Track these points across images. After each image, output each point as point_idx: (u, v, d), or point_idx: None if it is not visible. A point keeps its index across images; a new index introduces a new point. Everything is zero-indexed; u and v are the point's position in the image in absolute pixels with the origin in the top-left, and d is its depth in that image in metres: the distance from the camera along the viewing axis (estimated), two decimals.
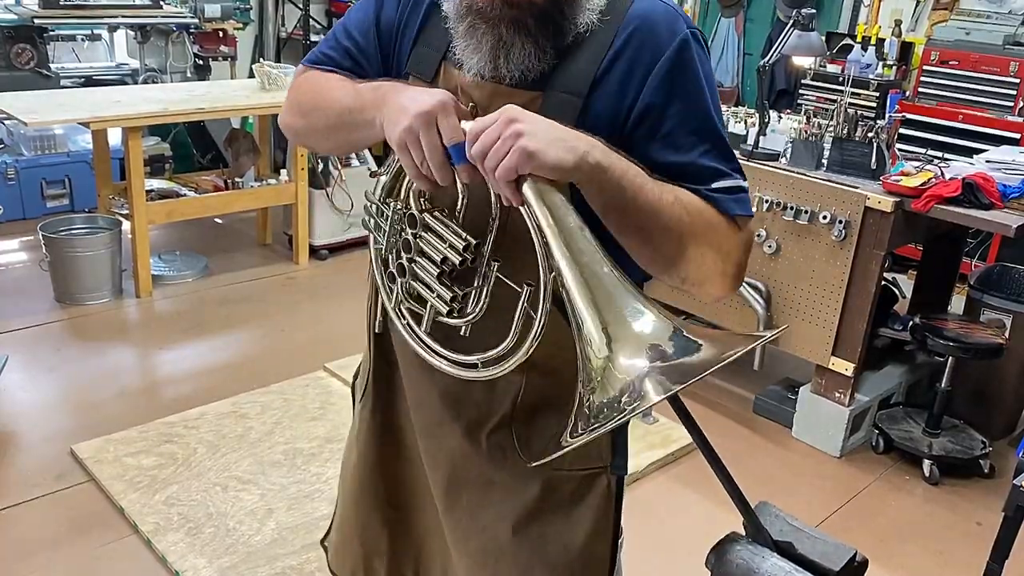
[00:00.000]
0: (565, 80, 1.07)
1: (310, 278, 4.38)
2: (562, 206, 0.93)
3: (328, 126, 1.18)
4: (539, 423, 1.20)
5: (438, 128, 0.97)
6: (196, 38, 5.38)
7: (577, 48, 1.07)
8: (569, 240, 0.91)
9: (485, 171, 0.95)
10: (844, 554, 0.82)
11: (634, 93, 1.07)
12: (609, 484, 1.23)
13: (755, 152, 3.17)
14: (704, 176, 1.07)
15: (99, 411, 3.04)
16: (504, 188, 0.94)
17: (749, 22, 6.12)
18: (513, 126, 0.93)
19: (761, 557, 0.82)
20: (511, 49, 1.05)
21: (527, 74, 1.06)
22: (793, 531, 0.85)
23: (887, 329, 3.34)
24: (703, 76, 1.09)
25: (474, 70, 1.07)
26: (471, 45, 1.06)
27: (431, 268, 1.07)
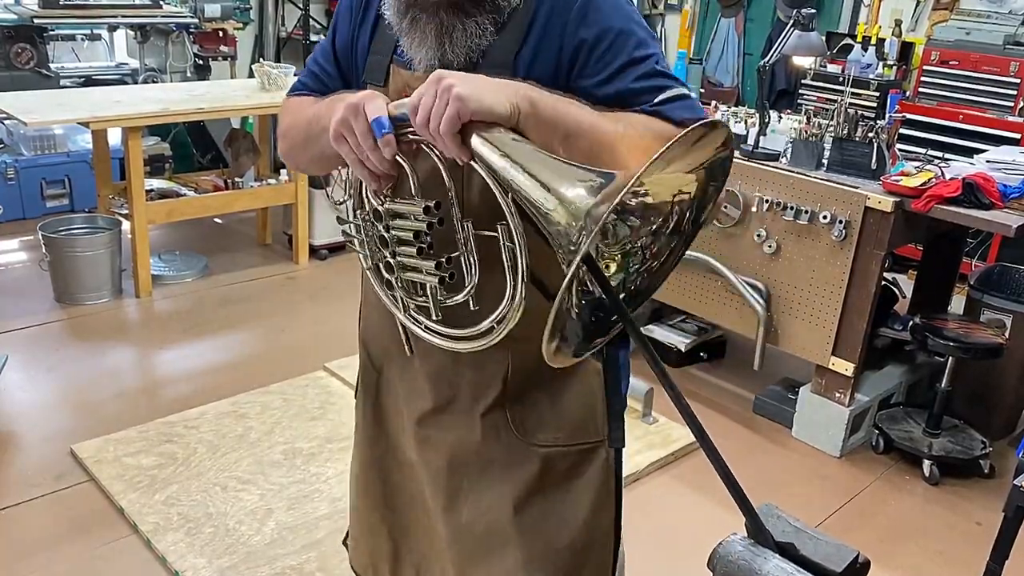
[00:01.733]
0: (492, 57, 1.12)
1: (310, 278, 4.38)
2: (509, 139, 0.97)
3: (301, 141, 1.25)
4: (530, 400, 1.23)
5: (365, 115, 1.03)
6: (196, 38, 5.38)
7: (504, 27, 1.12)
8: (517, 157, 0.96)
9: (432, 135, 0.98)
10: (846, 555, 0.82)
11: (558, 43, 1.11)
12: (607, 457, 1.26)
13: (755, 152, 3.17)
14: (644, 96, 1.10)
15: (99, 411, 3.04)
16: (451, 145, 0.98)
17: (749, 22, 6.12)
18: (443, 82, 0.97)
19: (763, 558, 0.82)
20: (453, 33, 1.10)
21: (471, 55, 1.11)
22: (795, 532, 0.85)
23: (887, 329, 3.35)
24: (618, 4, 1.13)
25: (424, 62, 1.12)
26: (416, 39, 1.12)
27: (411, 250, 1.11)
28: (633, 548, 1.53)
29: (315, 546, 2.42)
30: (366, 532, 1.47)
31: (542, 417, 1.23)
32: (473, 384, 1.23)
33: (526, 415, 1.23)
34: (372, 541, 1.46)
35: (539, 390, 1.22)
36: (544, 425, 1.23)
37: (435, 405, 1.27)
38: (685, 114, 1.10)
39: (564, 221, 0.90)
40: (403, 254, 1.12)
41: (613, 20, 1.12)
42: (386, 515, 1.43)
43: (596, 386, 1.25)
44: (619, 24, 1.12)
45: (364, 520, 1.46)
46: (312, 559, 2.37)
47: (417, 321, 1.16)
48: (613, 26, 1.11)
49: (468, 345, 1.11)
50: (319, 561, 2.37)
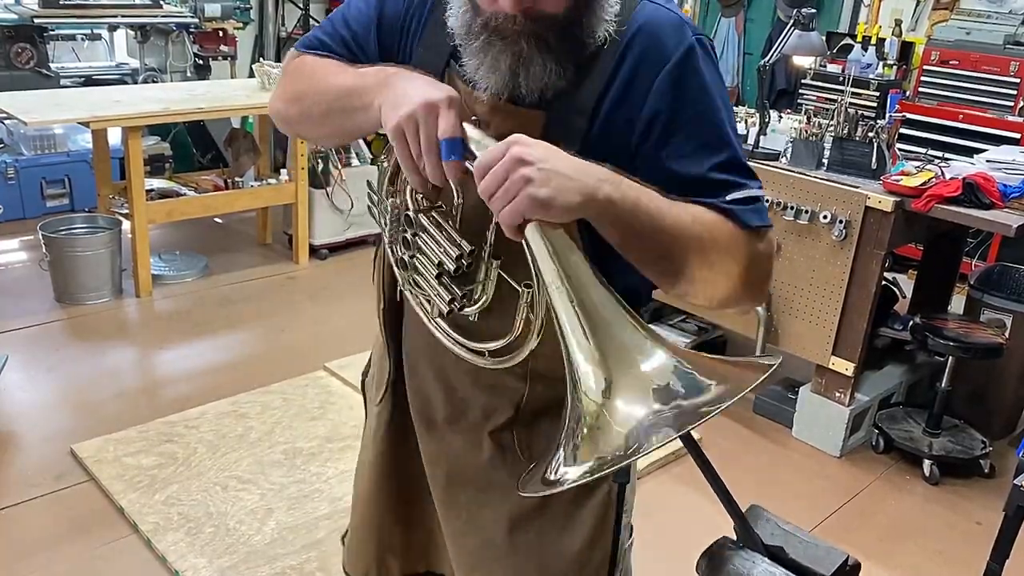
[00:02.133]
0: (569, 98, 1.02)
1: (310, 278, 4.38)
2: (563, 248, 0.90)
3: (323, 111, 1.11)
4: (541, 428, 1.19)
5: (438, 120, 0.94)
6: (196, 38, 5.37)
7: (585, 64, 1.02)
8: (566, 277, 0.88)
9: (492, 208, 0.91)
10: (836, 558, 0.82)
11: (640, 103, 1.02)
12: (610, 492, 1.22)
13: (755, 152, 3.17)
14: (717, 188, 1.02)
15: (99, 411, 3.03)
16: (505, 227, 0.91)
17: (749, 22, 6.12)
18: (521, 170, 0.88)
19: (752, 563, 0.82)
20: (531, 66, 0.99)
21: (545, 93, 1.01)
22: (784, 535, 0.85)
23: (887, 329, 3.34)
24: (711, 84, 1.04)
25: (492, 89, 1.02)
26: (486, 64, 1.01)
27: (431, 268, 1.06)
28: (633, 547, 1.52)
29: (315, 546, 2.42)
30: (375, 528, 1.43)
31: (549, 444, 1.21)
32: (485, 406, 1.20)
33: (533, 440, 1.20)
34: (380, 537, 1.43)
35: (549, 419, 1.18)
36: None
37: (443, 418, 1.24)
38: (757, 221, 1.03)
39: (590, 410, 0.81)
40: (421, 265, 1.07)
41: (705, 93, 1.03)
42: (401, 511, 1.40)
43: None
44: (708, 98, 1.03)
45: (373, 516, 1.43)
46: (312, 559, 2.37)
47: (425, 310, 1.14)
48: (701, 100, 1.03)
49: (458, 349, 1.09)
50: (319, 561, 2.37)
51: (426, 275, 1.08)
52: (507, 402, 1.18)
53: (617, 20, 1.02)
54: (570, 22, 0.99)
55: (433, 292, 1.07)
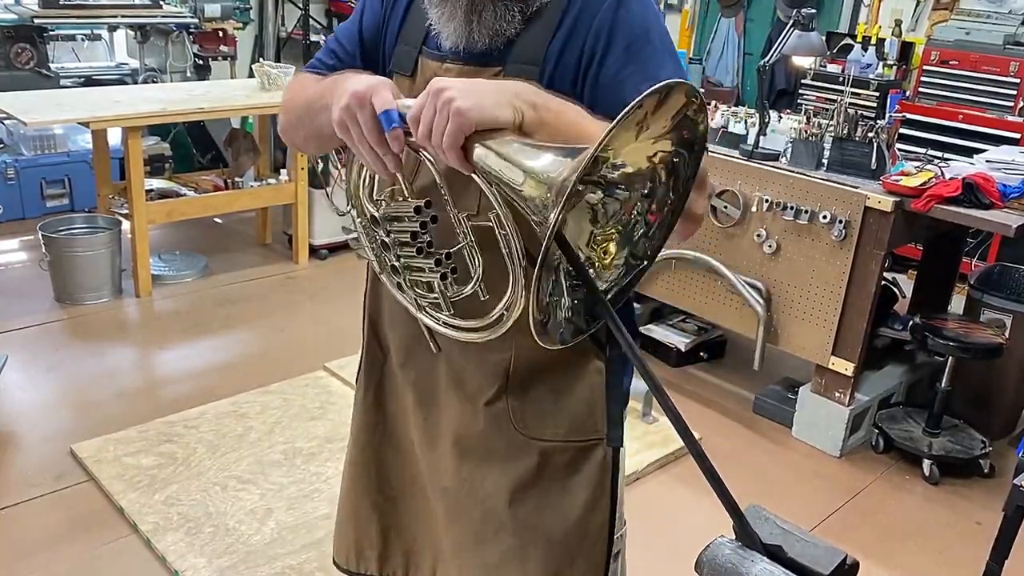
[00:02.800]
0: (522, 52, 1.14)
1: (310, 278, 4.38)
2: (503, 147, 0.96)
3: (299, 117, 1.24)
4: (532, 395, 1.24)
5: (372, 106, 1.01)
6: (196, 38, 5.37)
7: (534, 18, 1.14)
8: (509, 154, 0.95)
9: (435, 148, 0.97)
10: (835, 557, 0.82)
11: (582, 42, 1.13)
12: (605, 456, 1.27)
13: (755, 152, 3.17)
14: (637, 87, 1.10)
15: (99, 411, 3.03)
16: (454, 159, 0.97)
17: (749, 22, 6.12)
18: (443, 95, 0.96)
19: (751, 561, 0.82)
20: (483, 12, 1.11)
21: (496, 39, 1.13)
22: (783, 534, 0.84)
23: (887, 329, 3.34)
24: (646, 13, 1.14)
25: (451, 38, 1.14)
26: (445, 13, 1.13)
27: (411, 251, 1.12)
28: (633, 547, 1.53)
29: (315, 546, 2.42)
30: (353, 518, 1.48)
31: (543, 412, 1.24)
32: (476, 374, 1.24)
33: (527, 410, 1.24)
34: (360, 527, 1.48)
35: (541, 386, 1.23)
36: (545, 421, 1.24)
37: (442, 390, 1.28)
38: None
39: (536, 194, 0.91)
40: (405, 255, 1.13)
41: (640, 21, 1.13)
42: (378, 500, 1.44)
43: (598, 384, 1.25)
44: (643, 29, 1.13)
45: (353, 506, 1.48)
46: (312, 559, 2.37)
47: (434, 317, 1.18)
48: (637, 28, 1.13)
49: (483, 335, 1.12)
50: (319, 561, 2.37)
51: (413, 262, 1.13)
52: (496, 371, 1.23)
53: None
54: None
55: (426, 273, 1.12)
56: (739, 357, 3.69)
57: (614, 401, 1.27)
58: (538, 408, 1.24)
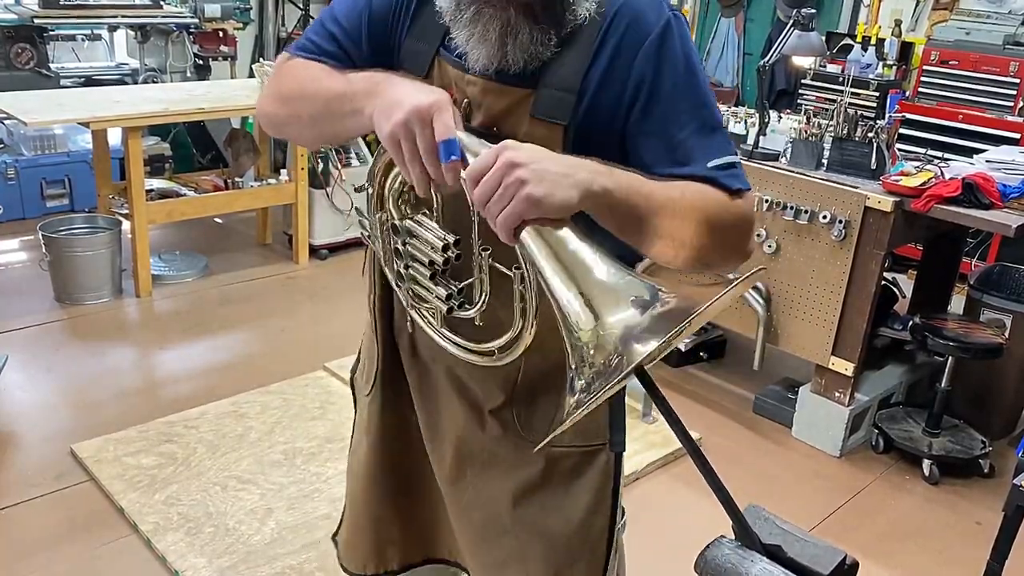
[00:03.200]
0: (556, 76, 1.07)
1: (310, 278, 4.38)
2: (565, 243, 0.91)
3: (313, 115, 1.12)
4: (539, 402, 1.23)
5: (432, 124, 0.95)
6: (196, 38, 5.37)
7: (567, 42, 1.07)
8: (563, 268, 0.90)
9: (487, 212, 0.92)
10: (834, 557, 0.82)
11: (625, 75, 1.07)
12: (608, 461, 1.27)
13: (755, 152, 3.17)
14: (698, 154, 1.07)
15: (99, 411, 3.03)
16: (503, 237, 0.93)
17: (749, 22, 6.12)
18: (515, 172, 0.90)
19: (750, 561, 0.82)
20: (519, 34, 1.03)
21: (530, 63, 1.05)
22: (782, 534, 0.84)
23: (887, 329, 3.34)
24: (690, 53, 1.10)
25: (482, 60, 1.05)
26: (476, 34, 1.04)
27: (424, 270, 1.09)
28: (633, 547, 1.53)
29: (315, 546, 2.42)
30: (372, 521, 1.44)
31: (549, 419, 1.23)
32: (483, 383, 1.23)
33: (534, 417, 1.24)
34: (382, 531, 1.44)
35: (547, 393, 1.22)
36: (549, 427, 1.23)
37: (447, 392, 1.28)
38: (738, 184, 1.09)
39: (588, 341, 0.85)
40: (416, 270, 1.10)
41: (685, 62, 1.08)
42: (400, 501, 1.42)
43: None
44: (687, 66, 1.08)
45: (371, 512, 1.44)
46: (312, 559, 2.37)
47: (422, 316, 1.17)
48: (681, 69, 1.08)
49: (469, 356, 1.12)
50: (319, 561, 2.37)
51: (421, 280, 1.11)
52: (503, 380, 1.22)
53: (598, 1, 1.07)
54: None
55: (431, 295, 1.10)
56: (739, 357, 3.69)
57: (617, 406, 1.26)
58: (544, 415, 1.23)
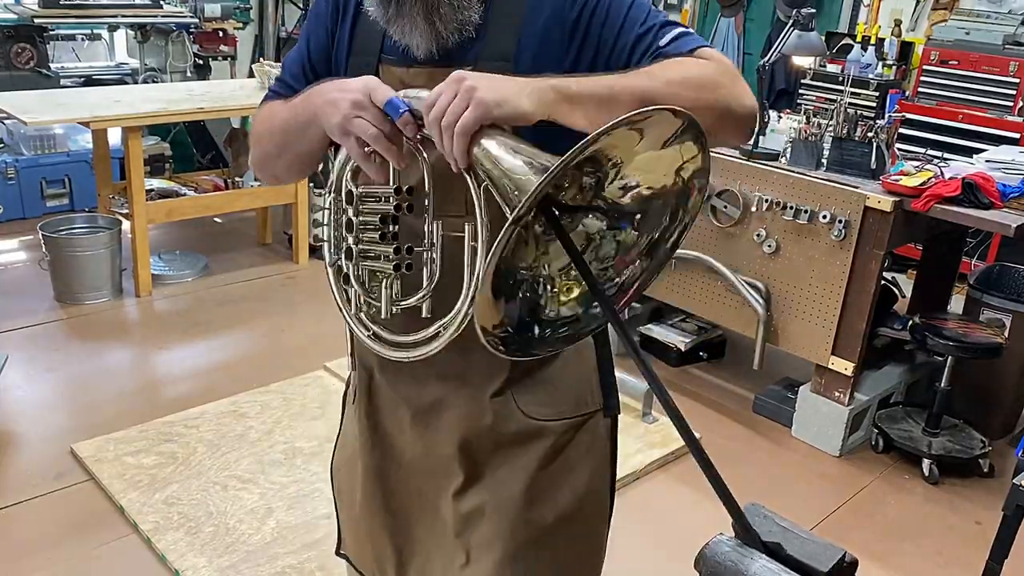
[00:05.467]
0: (490, 48, 1.11)
1: (310, 278, 4.38)
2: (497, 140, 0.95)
3: (277, 145, 1.22)
4: (533, 380, 1.25)
5: (372, 102, 1.01)
6: (196, 38, 5.38)
7: (495, 6, 1.10)
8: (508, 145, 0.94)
9: (444, 133, 0.95)
10: (833, 555, 0.82)
11: (557, 27, 1.10)
12: (604, 424, 1.31)
13: (755, 152, 3.17)
14: (649, 41, 1.10)
15: (99, 410, 3.04)
16: (459, 148, 0.95)
17: (749, 22, 6.12)
18: (465, 83, 0.95)
19: (750, 559, 0.82)
20: (440, 8, 1.08)
21: (465, 31, 1.10)
22: (782, 532, 0.85)
23: (887, 329, 3.35)
24: None
25: (422, 47, 1.10)
26: (405, 26, 1.09)
27: (373, 234, 1.10)
28: (632, 547, 1.54)
29: (315, 545, 2.43)
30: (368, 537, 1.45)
31: (546, 395, 1.26)
32: (482, 369, 1.24)
33: (531, 395, 1.25)
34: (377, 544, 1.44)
35: (543, 368, 1.25)
36: (547, 401, 1.26)
37: (442, 394, 1.28)
38: (694, 43, 1.10)
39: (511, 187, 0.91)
40: (365, 239, 1.12)
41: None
42: (386, 520, 1.41)
43: (589, 358, 1.29)
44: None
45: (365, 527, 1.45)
46: (312, 558, 2.37)
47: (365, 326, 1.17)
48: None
49: (408, 353, 1.12)
50: (319, 560, 2.37)
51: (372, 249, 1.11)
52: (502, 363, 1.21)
53: None
54: None
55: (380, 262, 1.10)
56: (739, 357, 3.69)
57: (605, 370, 1.30)
58: (542, 390, 1.26)
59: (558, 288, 1.01)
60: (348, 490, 1.47)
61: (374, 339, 1.17)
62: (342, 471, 1.48)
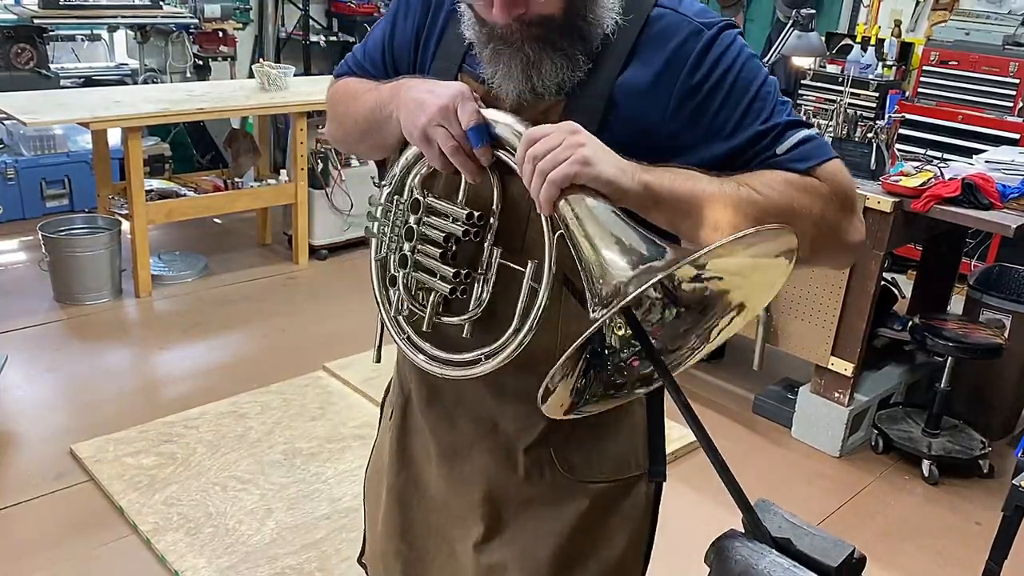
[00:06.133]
0: (587, 85, 1.04)
1: (310, 278, 4.38)
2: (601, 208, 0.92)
3: (360, 130, 1.18)
4: (576, 436, 1.17)
5: (458, 116, 0.98)
6: (196, 38, 5.38)
7: (603, 55, 1.03)
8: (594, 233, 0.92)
9: (536, 178, 0.93)
10: (842, 550, 0.82)
11: (667, 86, 1.02)
12: (647, 492, 1.22)
13: None
14: (766, 144, 1.01)
15: (99, 411, 3.04)
16: (545, 197, 0.93)
17: (749, 22, 6.12)
18: (576, 136, 0.92)
19: (760, 554, 0.82)
20: (541, 66, 1.01)
21: (563, 86, 1.03)
22: (791, 528, 0.85)
23: (886, 329, 3.34)
24: (743, 56, 1.02)
25: (511, 94, 1.04)
26: (500, 72, 1.03)
27: (434, 250, 1.07)
28: None
29: (315, 546, 2.43)
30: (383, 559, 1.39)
31: (588, 453, 1.18)
32: (515, 418, 1.17)
33: (571, 452, 1.18)
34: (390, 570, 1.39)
35: (585, 424, 1.12)
36: (588, 461, 1.18)
37: (473, 438, 1.21)
38: (815, 158, 1.01)
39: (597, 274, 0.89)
40: (424, 252, 1.09)
41: (736, 65, 1.01)
42: (401, 548, 1.35)
43: (640, 419, 1.21)
44: (740, 69, 1.02)
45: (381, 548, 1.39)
46: (312, 559, 2.37)
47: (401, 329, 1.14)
48: (733, 72, 1.01)
49: (447, 371, 1.09)
50: (319, 561, 2.37)
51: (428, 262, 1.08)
52: (539, 414, 1.12)
53: (628, 7, 1.03)
54: (572, 17, 1.00)
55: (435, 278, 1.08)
56: (739, 357, 3.69)
57: (656, 433, 1.22)
58: (582, 448, 1.18)
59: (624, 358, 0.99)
60: (374, 500, 1.41)
61: (407, 343, 1.14)
62: (372, 480, 1.42)
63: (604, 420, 1.16)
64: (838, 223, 1.02)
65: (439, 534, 1.29)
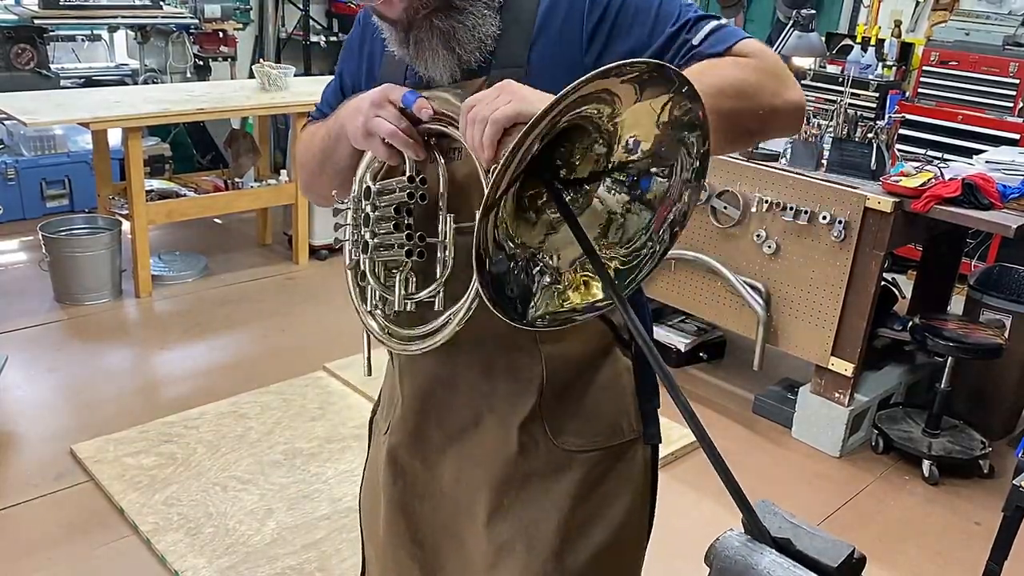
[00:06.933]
0: (504, 55, 1.09)
1: (310, 278, 4.38)
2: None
3: (318, 162, 1.25)
4: (565, 406, 1.20)
5: (390, 101, 1.04)
6: (196, 38, 5.38)
7: (506, 9, 1.09)
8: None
9: (477, 120, 0.94)
10: (842, 551, 0.82)
11: (575, 29, 1.07)
12: (643, 454, 1.25)
13: (755, 152, 3.17)
14: (682, 40, 1.06)
15: (99, 411, 3.04)
16: (488, 140, 0.93)
17: (749, 22, 6.12)
18: (510, 85, 0.96)
19: (760, 554, 0.82)
20: (456, 33, 1.07)
21: (484, 48, 1.09)
22: (791, 528, 0.85)
23: (887, 329, 3.35)
24: None
25: (447, 73, 1.10)
26: (427, 57, 1.09)
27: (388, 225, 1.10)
28: None
29: (315, 546, 2.43)
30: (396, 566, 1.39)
31: (578, 422, 1.20)
32: (508, 395, 1.20)
33: (563, 422, 1.20)
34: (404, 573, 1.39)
35: (574, 394, 1.19)
36: (581, 430, 1.20)
37: (471, 421, 1.23)
38: (730, 40, 1.06)
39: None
40: (381, 231, 1.12)
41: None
42: (414, 551, 1.36)
43: (628, 383, 1.23)
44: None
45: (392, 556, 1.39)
46: (312, 559, 2.37)
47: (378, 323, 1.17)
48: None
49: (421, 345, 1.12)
50: (319, 561, 2.37)
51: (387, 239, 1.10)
52: (529, 389, 1.18)
53: None
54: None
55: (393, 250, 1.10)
56: (739, 357, 3.69)
57: (646, 397, 1.24)
58: (573, 417, 1.20)
59: (566, 282, 0.98)
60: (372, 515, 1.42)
61: (386, 335, 1.16)
62: (368, 497, 1.44)
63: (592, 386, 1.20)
64: (774, 88, 1.06)
65: (448, 530, 1.31)
